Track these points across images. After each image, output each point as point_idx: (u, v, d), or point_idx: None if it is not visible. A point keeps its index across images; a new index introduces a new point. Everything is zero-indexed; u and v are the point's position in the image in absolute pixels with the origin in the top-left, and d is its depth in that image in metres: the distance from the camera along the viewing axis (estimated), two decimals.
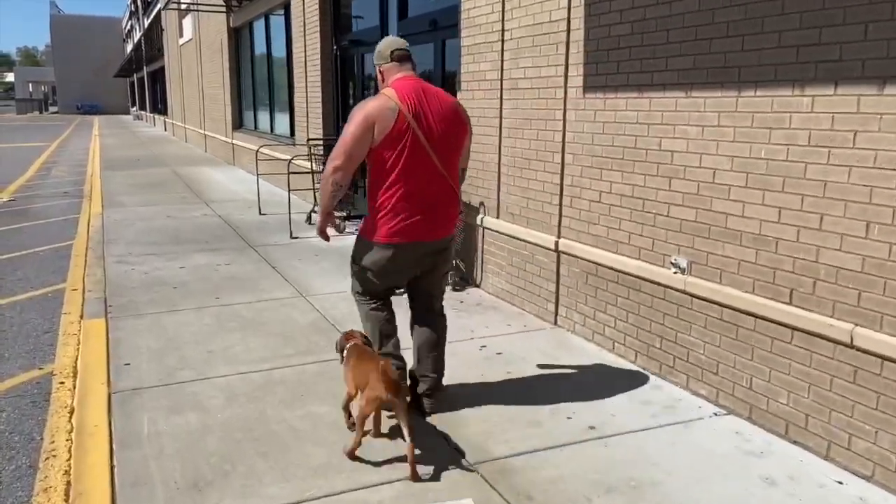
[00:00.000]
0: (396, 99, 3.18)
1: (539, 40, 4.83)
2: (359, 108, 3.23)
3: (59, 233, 8.63)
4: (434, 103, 3.27)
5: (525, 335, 4.77)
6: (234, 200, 11.21)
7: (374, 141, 3.17)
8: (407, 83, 3.30)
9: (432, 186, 3.28)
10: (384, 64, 3.43)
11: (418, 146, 3.19)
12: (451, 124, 3.31)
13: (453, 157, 3.36)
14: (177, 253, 7.32)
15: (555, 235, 4.82)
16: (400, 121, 3.15)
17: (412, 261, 3.39)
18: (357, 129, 3.16)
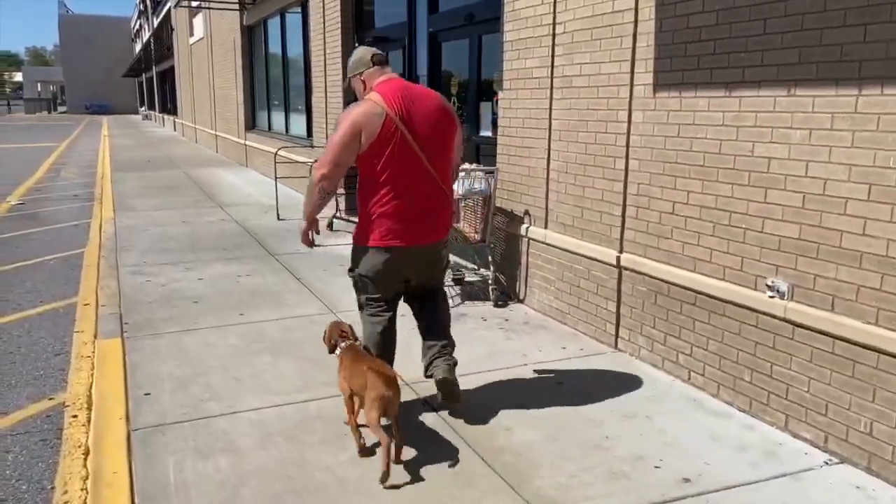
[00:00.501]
0: (383, 103, 3.15)
1: (599, 33, 4.37)
2: (345, 115, 3.20)
3: (70, 239, 8.22)
4: (420, 104, 3.23)
5: (584, 361, 4.31)
6: (250, 204, 10.79)
7: (361, 147, 3.14)
8: (391, 85, 3.26)
9: (423, 188, 3.24)
10: (365, 70, 3.38)
11: (407, 148, 3.16)
12: (438, 124, 3.26)
13: (443, 157, 3.32)
14: (194, 262, 6.89)
15: (616, 249, 4.36)
16: (387, 125, 3.12)
17: (408, 263, 3.35)
18: (344, 137, 3.13)
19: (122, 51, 65.36)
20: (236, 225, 8.97)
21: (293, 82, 13.20)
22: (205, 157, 19.63)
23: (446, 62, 7.13)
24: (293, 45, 12.93)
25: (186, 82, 26.99)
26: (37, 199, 11.74)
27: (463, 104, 6.85)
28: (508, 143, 5.47)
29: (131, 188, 12.68)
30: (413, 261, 3.35)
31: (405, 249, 3.27)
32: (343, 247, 7.23)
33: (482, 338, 4.70)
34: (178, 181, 13.76)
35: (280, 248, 7.53)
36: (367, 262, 3.35)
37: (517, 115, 5.32)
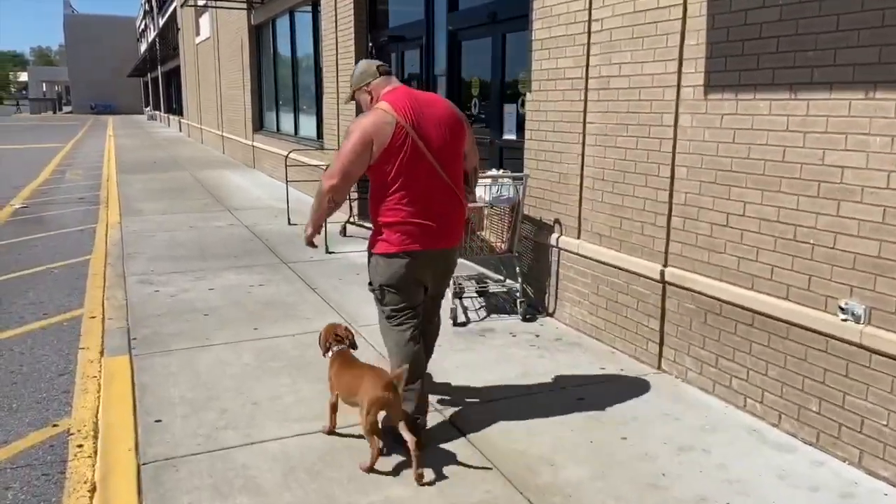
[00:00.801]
0: (392, 112, 3.13)
1: (642, 31, 4.07)
2: (355, 125, 3.17)
3: (75, 246, 7.95)
4: (429, 110, 3.21)
5: (627, 383, 4.01)
6: (259, 208, 10.52)
7: (373, 157, 3.12)
8: (399, 94, 3.25)
9: (436, 194, 3.22)
10: (372, 81, 3.36)
11: (419, 155, 3.14)
12: (449, 129, 3.24)
13: (455, 162, 3.31)
14: (204, 270, 6.61)
15: (660, 263, 4.06)
16: (398, 133, 3.10)
17: (426, 268, 3.30)
18: (356, 147, 3.11)
19: (128, 51, 65.24)
20: (246, 230, 8.69)
21: (302, 83, 12.92)
22: (211, 158, 19.38)
23: (466, 62, 6.84)
24: (303, 45, 12.65)
25: (192, 82, 26.76)
26: (41, 202, 11.49)
27: (485, 106, 6.55)
28: (537, 147, 5.18)
29: (137, 191, 12.42)
30: (430, 265, 3.31)
31: (423, 253, 3.24)
32: (357, 254, 6.95)
33: (513, 356, 4.41)
34: (185, 183, 13.50)
35: (292, 255, 7.25)
36: (387, 270, 3.27)
37: (547, 118, 5.03)
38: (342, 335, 3.39)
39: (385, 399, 2.96)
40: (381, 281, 3.31)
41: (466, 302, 5.47)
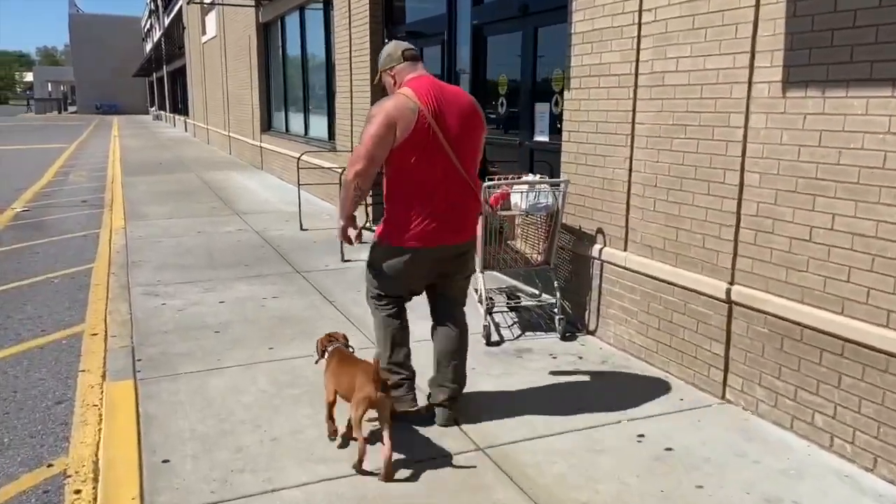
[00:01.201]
0: (415, 98, 3.07)
1: (704, 21, 3.64)
2: (378, 109, 3.09)
3: (77, 253, 7.56)
4: (451, 102, 3.16)
5: (689, 416, 3.58)
6: (269, 212, 10.11)
7: (395, 141, 3.06)
8: (423, 82, 3.18)
9: (452, 187, 3.18)
10: (396, 65, 3.30)
11: (438, 146, 3.09)
12: (468, 123, 3.19)
13: (472, 156, 3.27)
14: (213, 280, 6.21)
15: (725, 280, 3.64)
16: (421, 120, 3.04)
17: (431, 265, 3.27)
18: (379, 130, 3.04)
19: (133, 50, 64.99)
20: (256, 236, 8.29)
21: (313, 82, 12.53)
22: (218, 159, 19.00)
23: (492, 59, 6.42)
24: (313, 43, 12.26)
25: (198, 82, 26.40)
26: (43, 205, 11.11)
27: (513, 105, 6.14)
28: (577, 150, 4.76)
29: (142, 193, 12.04)
30: (437, 261, 3.27)
31: (430, 250, 3.21)
32: None
33: (557, 382, 3.98)
34: (191, 186, 13.11)
35: (306, 263, 6.84)
36: (385, 259, 3.28)
37: (589, 119, 4.61)
38: (337, 337, 3.40)
39: (373, 398, 2.95)
40: (380, 266, 3.31)
41: (497, 318, 5.06)
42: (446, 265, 3.32)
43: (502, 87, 6.22)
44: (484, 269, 4.72)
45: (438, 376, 3.44)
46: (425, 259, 3.22)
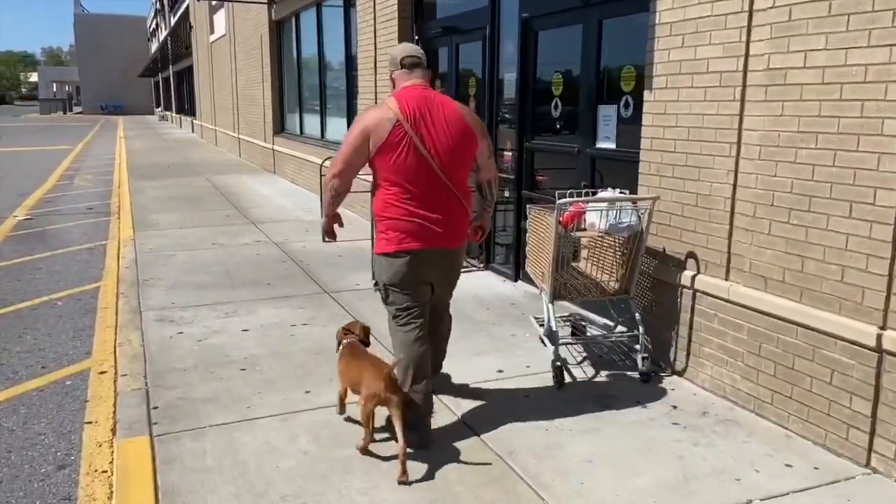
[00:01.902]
0: (396, 109, 3.17)
1: (845, 5, 2.99)
2: (359, 117, 3.28)
3: (83, 269, 6.93)
4: (438, 113, 3.22)
5: (832, 491, 2.90)
6: (287, 220, 9.48)
7: (370, 151, 3.18)
8: (411, 92, 3.26)
9: (436, 197, 3.23)
10: (395, 70, 3.40)
11: (418, 156, 3.17)
12: (455, 135, 3.24)
13: (459, 169, 3.31)
14: (234, 303, 5.57)
15: (875, 324, 2.97)
16: (396, 131, 3.14)
17: (428, 266, 3.33)
18: (354, 139, 3.19)
19: (138, 50, 64.49)
20: (276, 249, 7.65)
21: (330, 83, 11.90)
22: (227, 162, 18.39)
23: (544, 56, 5.76)
24: (332, 42, 11.62)
25: (206, 82, 25.81)
26: (47, 212, 10.49)
27: (570, 108, 5.48)
28: (661, 160, 4.10)
29: (151, 199, 11.41)
30: (433, 264, 3.34)
31: (424, 251, 3.27)
32: None
33: (657, 444, 3.30)
34: (202, 191, 12.48)
35: (335, 282, 6.19)
36: (389, 269, 3.32)
37: (678, 124, 3.95)
38: (352, 329, 3.49)
39: (381, 396, 2.99)
40: (385, 280, 3.35)
41: (562, 351, 4.41)
42: (439, 268, 3.39)
43: (557, 87, 5.56)
44: (553, 300, 4.06)
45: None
46: (423, 259, 3.28)
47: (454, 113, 3.26)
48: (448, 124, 3.21)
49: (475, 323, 5.08)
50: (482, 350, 4.54)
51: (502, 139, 6.41)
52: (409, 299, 3.33)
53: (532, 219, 4.36)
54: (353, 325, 3.56)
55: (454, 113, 3.26)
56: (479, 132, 3.34)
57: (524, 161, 5.98)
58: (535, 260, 4.33)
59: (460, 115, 3.28)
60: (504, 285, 6.14)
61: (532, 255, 4.42)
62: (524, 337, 4.79)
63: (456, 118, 3.24)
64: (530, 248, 4.45)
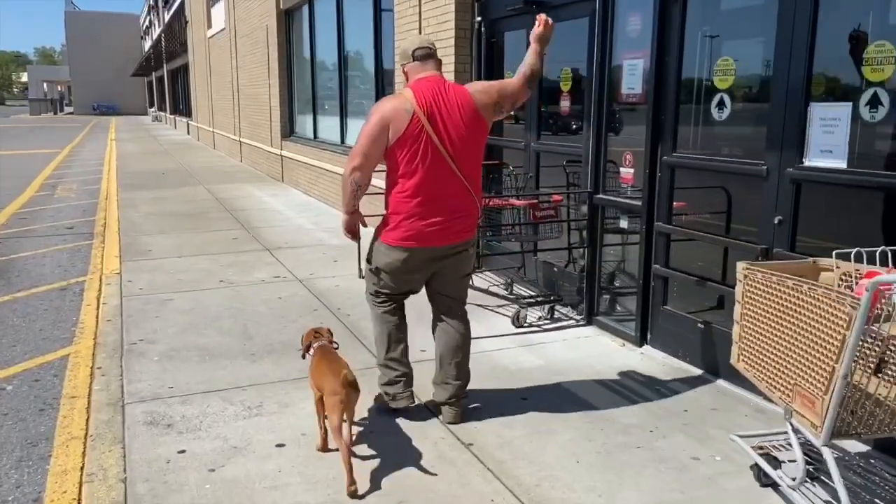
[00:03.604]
0: (412, 100, 3.16)
1: None
2: (376, 108, 3.23)
3: (50, 324, 5.21)
4: (452, 103, 3.20)
5: None
6: (308, 245, 7.79)
7: (388, 142, 3.17)
8: (426, 83, 3.23)
9: (448, 190, 3.23)
10: (407, 64, 3.35)
11: (433, 148, 3.17)
12: (469, 123, 3.21)
13: (472, 160, 3.30)
14: (258, 386, 3.89)
15: None
16: (414, 122, 3.13)
17: (426, 264, 3.34)
18: (372, 129, 3.17)
19: (131, 49, 62.62)
20: (302, 289, 5.97)
21: (352, 78, 10.21)
22: (229, 168, 16.66)
23: (696, 37, 4.09)
24: (354, 31, 9.94)
25: (203, 81, 24.07)
26: (17, 233, 8.75)
27: (748, 109, 3.81)
28: None
29: (143, 216, 9.70)
30: (433, 261, 3.33)
31: (425, 250, 3.28)
32: (501, 350, 4.30)
33: None
34: (202, 205, 10.77)
35: None
36: (383, 257, 3.35)
37: None
38: (322, 333, 3.39)
39: (342, 397, 2.89)
40: (377, 263, 3.40)
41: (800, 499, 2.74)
42: (441, 263, 3.36)
43: (723, 80, 3.86)
44: (832, 437, 2.38)
45: (441, 374, 3.47)
46: (420, 258, 3.30)
47: (468, 103, 3.22)
48: (462, 114, 3.19)
49: (624, 432, 3.39)
50: (667, 499, 2.86)
51: (616, 152, 4.73)
52: (391, 288, 3.43)
53: (756, 286, 2.68)
54: (320, 329, 3.44)
55: (468, 103, 3.22)
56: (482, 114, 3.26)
57: (659, 182, 4.30)
58: (769, 359, 2.65)
59: (471, 100, 3.23)
60: (627, 354, 4.45)
61: (759, 348, 2.73)
62: (714, 462, 3.12)
63: (469, 108, 3.21)
64: (752, 336, 2.76)
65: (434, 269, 3.38)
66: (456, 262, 3.40)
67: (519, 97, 3.34)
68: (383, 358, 3.47)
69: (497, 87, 3.32)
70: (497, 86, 3.32)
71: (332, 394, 2.89)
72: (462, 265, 3.46)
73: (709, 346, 4.02)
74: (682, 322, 4.22)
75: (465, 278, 3.54)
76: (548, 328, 4.94)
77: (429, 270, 3.38)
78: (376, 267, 3.40)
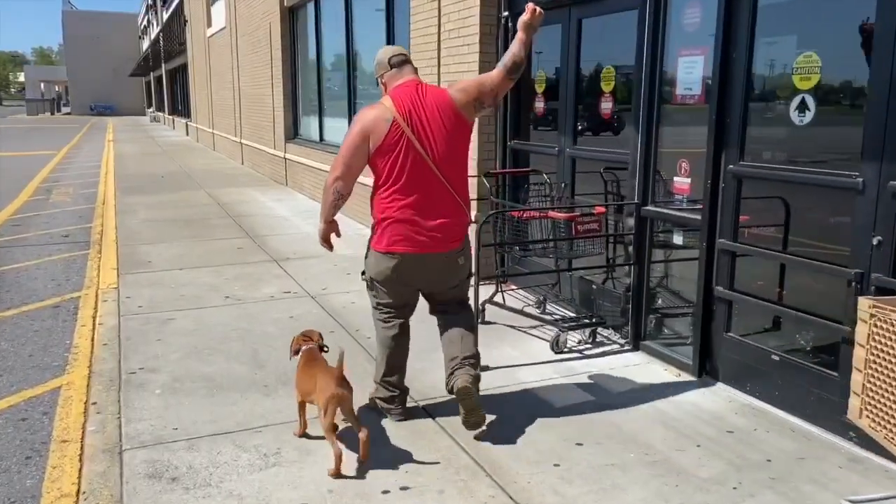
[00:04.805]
0: (392, 108, 3.17)
1: None
2: (357, 118, 3.25)
3: (40, 349, 4.72)
4: (431, 106, 3.20)
5: None
6: (318, 256, 7.30)
7: (369, 151, 3.18)
8: (404, 89, 3.26)
9: (433, 198, 3.22)
10: (385, 73, 3.38)
11: (415, 154, 3.17)
12: (449, 125, 3.20)
13: (456, 164, 3.28)
14: (274, 427, 3.42)
15: None
16: (393, 130, 3.14)
17: (417, 271, 3.31)
18: (353, 140, 3.19)
19: (129, 48, 62.10)
20: (315, 305, 5.50)
21: (361, 79, 9.74)
22: (230, 170, 16.18)
23: (771, 24, 3.62)
24: (364, 28, 9.47)
25: (202, 81, 23.59)
26: (9, 242, 8.25)
27: (843, 113, 3.35)
28: None
29: (142, 223, 9.22)
30: (423, 269, 3.31)
31: (414, 256, 3.25)
32: (550, 382, 3.82)
33: None
34: (203, 210, 10.29)
35: (422, 375, 4.02)
36: (375, 266, 3.34)
37: None
38: (311, 337, 3.42)
39: (338, 395, 2.96)
40: (370, 274, 3.39)
41: None
42: (434, 273, 3.34)
43: (805, 78, 3.38)
44: None
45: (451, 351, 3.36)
46: (409, 265, 3.26)
47: (445, 101, 3.21)
48: (442, 115, 3.18)
49: (703, 489, 2.90)
50: None
51: (670, 162, 4.26)
52: (388, 297, 3.39)
53: (889, 329, 2.22)
54: (310, 333, 3.48)
55: (445, 101, 3.21)
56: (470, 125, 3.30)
57: (723, 194, 3.82)
58: None
59: (450, 101, 3.21)
60: (686, 387, 3.95)
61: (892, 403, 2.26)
62: None
63: (447, 106, 3.20)
64: (882, 388, 2.29)
65: (428, 278, 3.37)
66: (450, 271, 3.40)
67: (500, 89, 3.29)
68: (380, 378, 3.49)
69: (475, 83, 3.29)
70: (475, 82, 3.30)
71: (323, 394, 2.98)
72: (456, 274, 3.46)
73: (787, 383, 3.55)
74: (751, 352, 3.75)
75: (459, 287, 3.53)
76: (590, 354, 4.46)
77: (422, 281, 3.37)
78: (370, 277, 3.40)
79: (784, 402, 3.58)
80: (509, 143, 5.99)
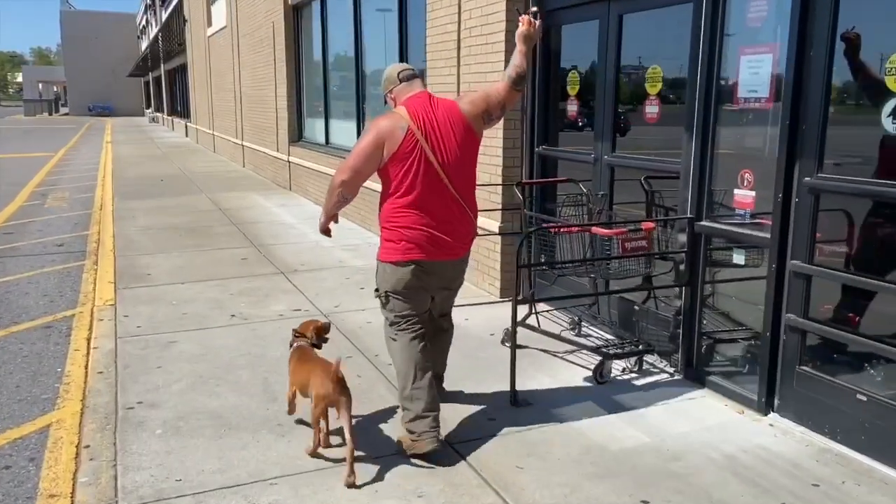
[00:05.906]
0: (407, 117, 3.18)
1: None
2: (372, 124, 3.24)
3: (29, 378, 4.28)
4: (443, 118, 3.21)
5: None
6: (329, 267, 6.88)
7: (382, 159, 3.17)
8: (417, 99, 3.27)
9: (444, 207, 3.23)
10: (394, 87, 3.39)
11: (427, 164, 3.17)
12: (460, 137, 3.22)
13: (465, 173, 3.30)
14: (287, 470, 3.00)
15: None
16: (408, 139, 3.14)
17: (432, 277, 3.30)
18: (367, 146, 3.17)
19: (128, 49, 61.59)
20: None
21: (370, 80, 9.30)
22: (231, 173, 15.74)
23: (853, 14, 3.19)
24: (374, 26, 9.03)
25: (202, 82, 23.15)
26: (0, 252, 7.83)
27: None
28: None
29: (141, 230, 8.78)
30: (436, 275, 3.31)
31: (429, 263, 3.25)
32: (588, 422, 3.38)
33: None
34: (205, 217, 9.85)
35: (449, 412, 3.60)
36: (393, 277, 3.28)
37: None
38: (302, 332, 3.48)
39: (330, 396, 2.99)
40: (387, 288, 3.32)
41: None
42: (444, 280, 3.38)
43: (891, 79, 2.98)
44: None
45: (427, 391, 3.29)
46: (428, 270, 3.25)
47: (456, 113, 3.23)
48: (454, 127, 3.20)
49: None
50: None
51: (730, 174, 3.82)
52: (408, 307, 3.32)
53: None
54: (305, 327, 3.51)
55: (456, 113, 3.23)
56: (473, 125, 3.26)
57: (796, 210, 3.39)
58: None
59: (460, 113, 3.24)
60: (753, 427, 3.48)
61: None
62: None
63: (458, 118, 3.22)
64: None
65: (440, 285, 3.39)
66: (456, 278, 3.48)
67: (507, 102, 3.32)
68: (410, 388, 3.22)
69: (482, 96, 3.33)
70: (481, 95, 3.34)
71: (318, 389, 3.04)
72: (458, 281, 3.54)
73: (877, 427, 3.12)
74: (830, 390, 3.32)
75: (457, 288, 3.60)
76: (639, 385, 4.03)
77: (436, 286, 3.38)
78: (386, 292, 3.34)
79: (871, 448, 3.15)
80: (537, 148, 5.56)
